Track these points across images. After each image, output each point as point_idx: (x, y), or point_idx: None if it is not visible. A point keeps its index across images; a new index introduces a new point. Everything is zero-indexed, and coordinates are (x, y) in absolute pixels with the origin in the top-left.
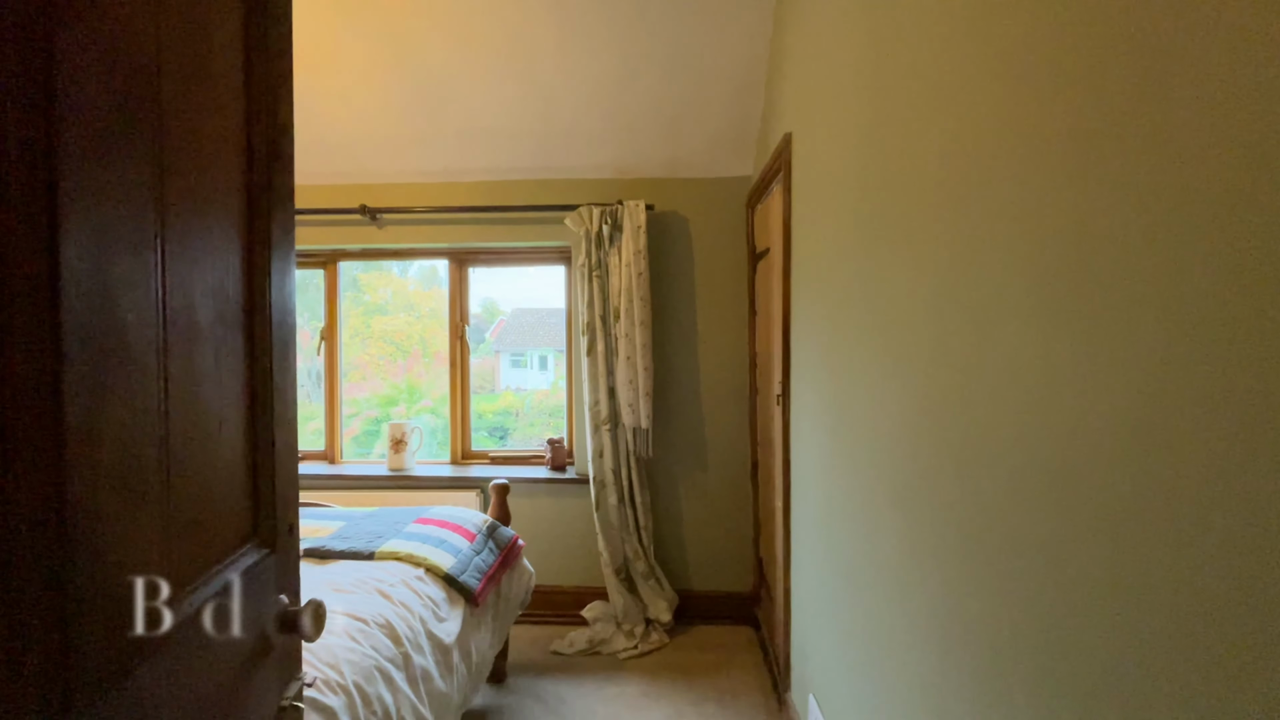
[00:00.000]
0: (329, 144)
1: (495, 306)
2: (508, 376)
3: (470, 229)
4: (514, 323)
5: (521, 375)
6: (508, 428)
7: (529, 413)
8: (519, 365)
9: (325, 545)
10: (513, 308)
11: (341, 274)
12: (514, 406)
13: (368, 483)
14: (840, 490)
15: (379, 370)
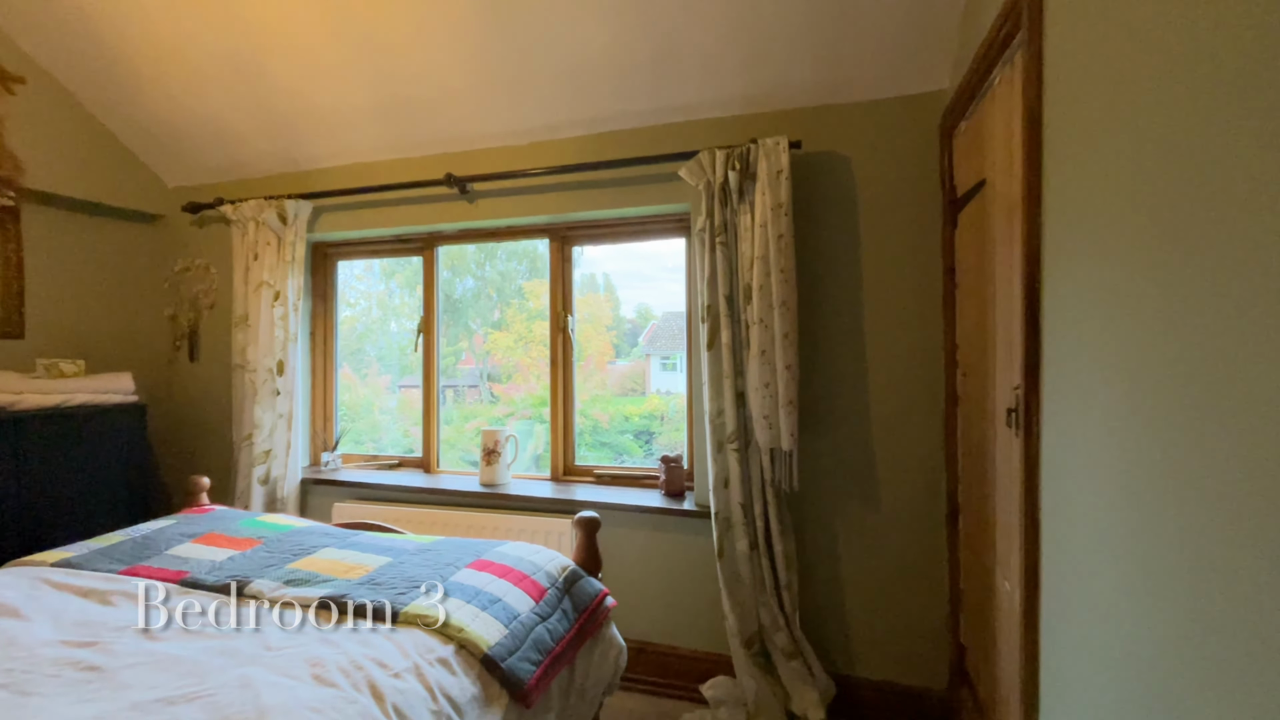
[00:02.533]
0: (412, 105)
1: (649, 312)
2: (657, 379)
3: (571, 196)
4: (664, 326)
5: (671, 378)
6: (653, 431)
7: (674, 416)
8: (668, 368)
9: (347, 594)
10: (664, 311)
11: (439, 260)
12: (660, 410)
13: (456, 498)
14: (1193, 592)
15: (539, 374)
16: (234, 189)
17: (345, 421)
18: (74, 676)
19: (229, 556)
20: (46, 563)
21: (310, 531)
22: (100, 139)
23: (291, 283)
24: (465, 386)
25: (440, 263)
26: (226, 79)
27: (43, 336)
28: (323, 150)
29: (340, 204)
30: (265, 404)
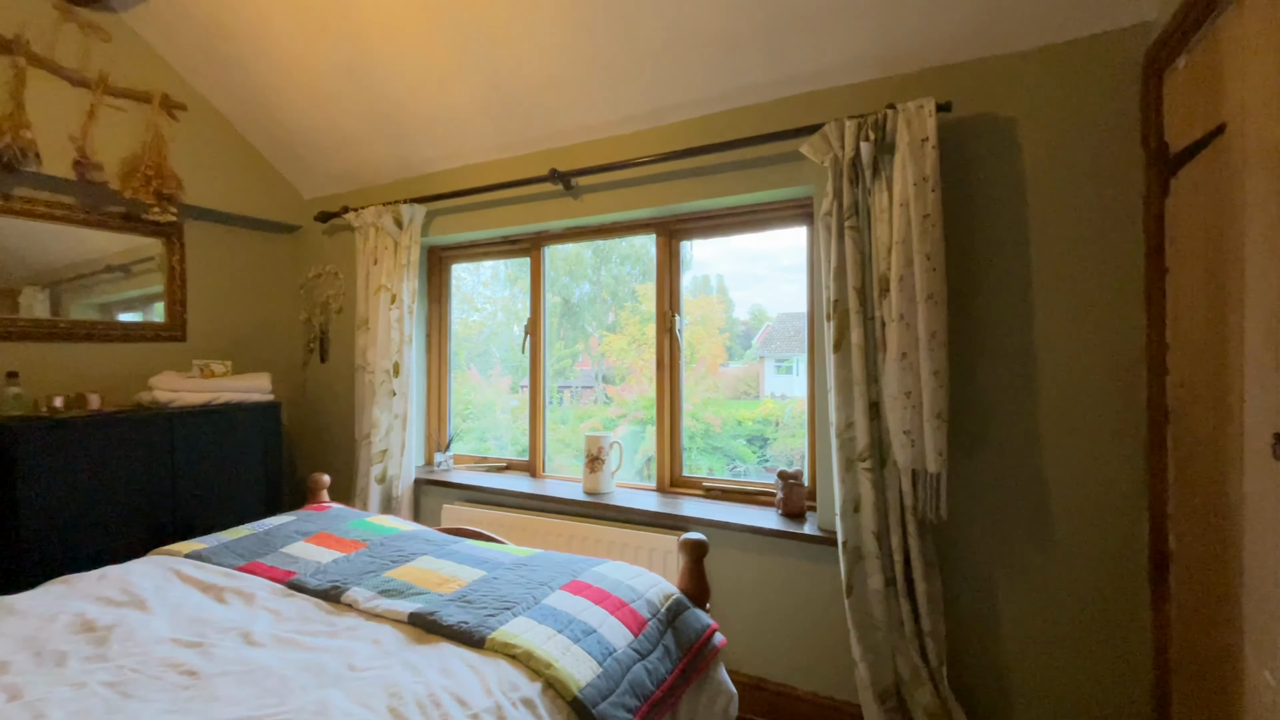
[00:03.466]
0: (515, 100)
1: (763, 313)
2: (771, 383)
3: (678, 186)
4: (780, 328)
5: (786, 381)
6: (767, 437)
7: (790, 422)
8: (783, 371)
9: (436, 612)
10: (779, 312)
11: (545, 260)
12: (774, 415)
13: (559, 506)
14: None
15: (651, 376)
16: (358, 197)
17: (471, 421)
18: (173, 681)
19: (333, 559)
20: (180, 553)
21: (412, 537)
22: (247, 157)
23: (406, 286)
24: (581, 387)
25: (548, 264)
26: (346, 90)
27: (200, 339)
28: (434, 153)
29: (451, 207)
30: (382, 404)
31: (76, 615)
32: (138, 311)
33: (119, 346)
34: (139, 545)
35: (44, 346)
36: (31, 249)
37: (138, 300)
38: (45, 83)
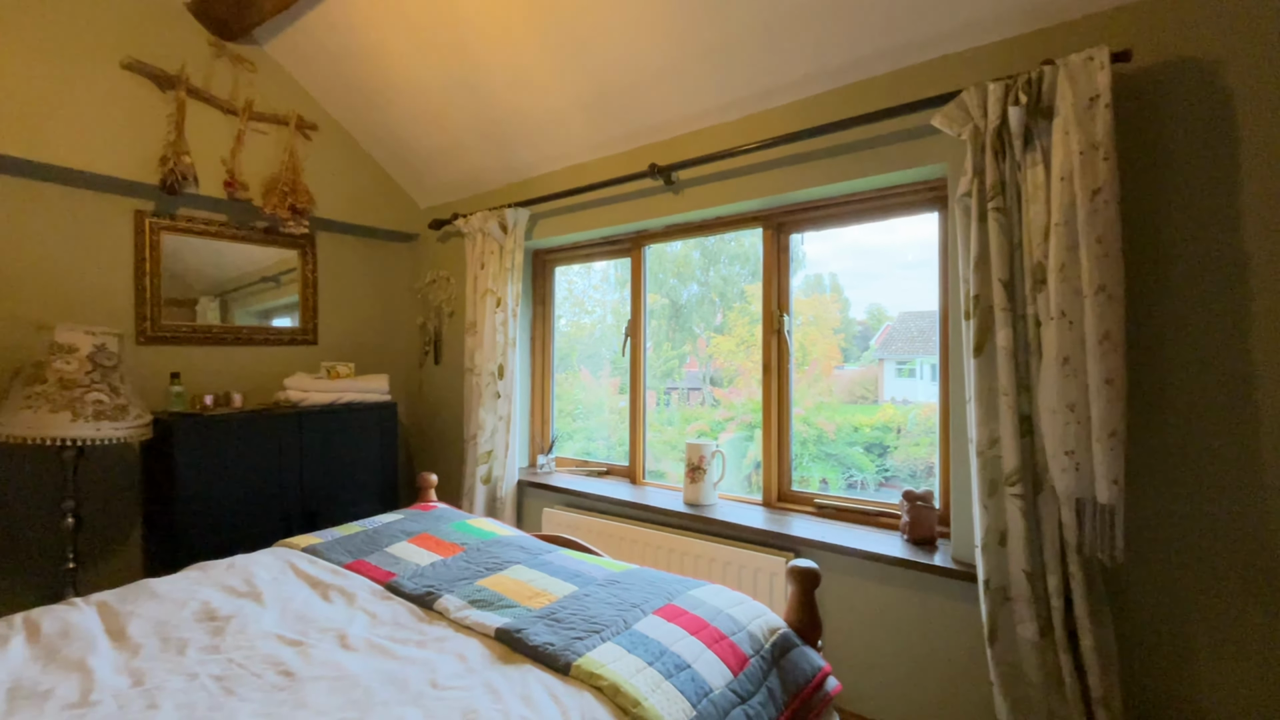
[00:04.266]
0: (614, 96)
1: (882, 313)
2: (892, 386)
3: (787, 174)
4: (902, 328)
5: (908, 385)
6: (887, 445)
7: (913, 430)
8: (904, 374)
9: (523, 629)
10: (900, 311)
11: (647, 259)
12: (895, 421)
13: (658, 516)
14: None
15: (760, 378)
16: (468, 204)
17: (581, 421)
18: (271, 681)
19: (431, 563)
20: (299, 546)
21: (507, 544)
22: (370, 171)
23: (510, 289)
24: (688, 390)
25: (649, 264)
26: (455, 101)
27: (329, 342)
28: (536, 156)
29: (553, 209)
30: (488, 406)
31: (203, 604)
32: (286, 317)
33: (261, 349)
34: (270, 534)
35: (203, 350)
36: (206, 264)
37: (284, 308)
38: (201, 112)
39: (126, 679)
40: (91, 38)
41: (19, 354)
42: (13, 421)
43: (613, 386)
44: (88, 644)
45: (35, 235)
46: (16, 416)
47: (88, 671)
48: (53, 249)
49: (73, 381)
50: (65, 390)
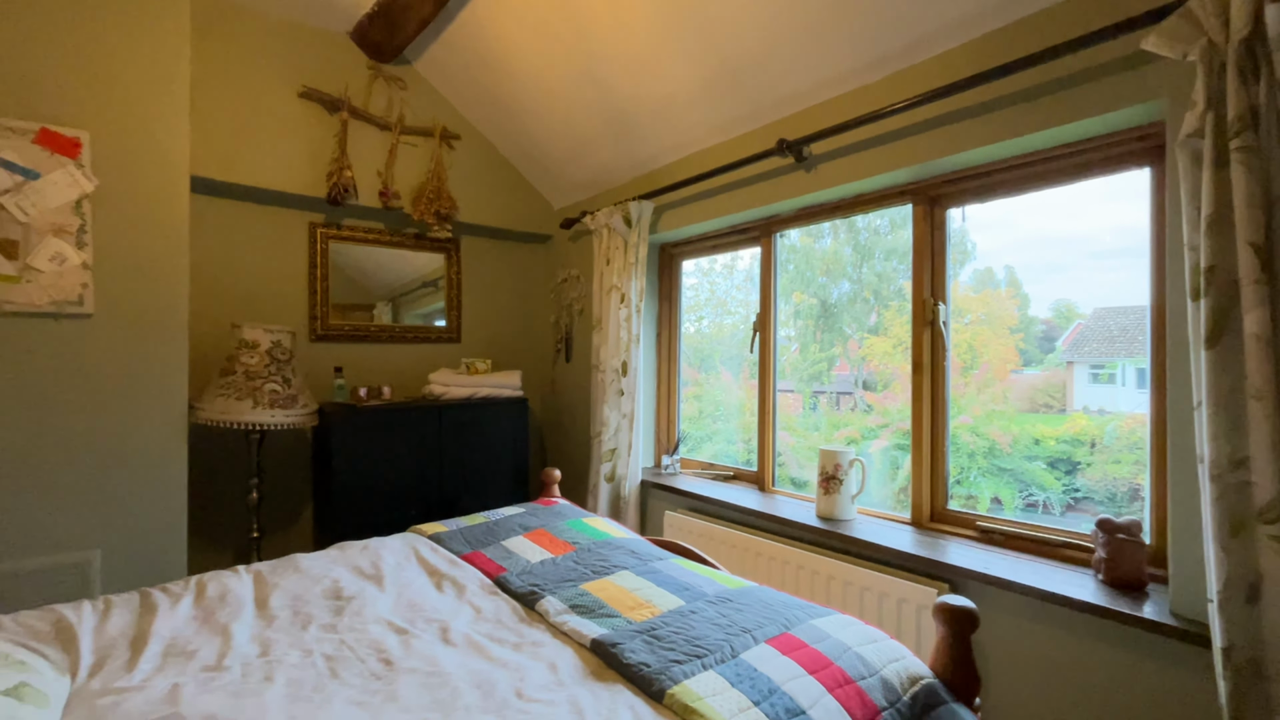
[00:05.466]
0: (739, 72)
1: (1071, 309)
2: (1084, 394)
3: (941, 136)
4: (1096, 326)
5: (1105, 392)
6: (1077, 461)
7: (1112, 444)
8: (1101, 379)
9: (620, 644)
10: (1095, 307)
11: (777, 246)
12: (1088, 433)
13: (786, 529)
14: None
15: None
16: (596, 202)
17: (721, 423)
18: (371, 668)
19: (541, 560)
20: (426, 533)
21: (618, 547)
22: (507, 175)
23: (634, 284)
24: (837, 394)
25: (782, 257)
26: (581, 94)
27: (471, 340)
28: (660, 146)
29: (677, 199)
30: (611, 403)
31: (333, 582)
32: (442, 318)
33: (411, 346)
34: (410, 518)
35: (362, 346)
36: (380, 270)
37: (441, 310)
38: (359, 130)
39: (256, 648)
40: (275, 71)
41: (220, 349)
42: (210, 407)
43: (753, 389)
44: (236, 610)
45: (231, 247)
46: (213, 403)
47: (228, 636)
48: (245, 258)
49: (254, 373)
50: (249, 380)
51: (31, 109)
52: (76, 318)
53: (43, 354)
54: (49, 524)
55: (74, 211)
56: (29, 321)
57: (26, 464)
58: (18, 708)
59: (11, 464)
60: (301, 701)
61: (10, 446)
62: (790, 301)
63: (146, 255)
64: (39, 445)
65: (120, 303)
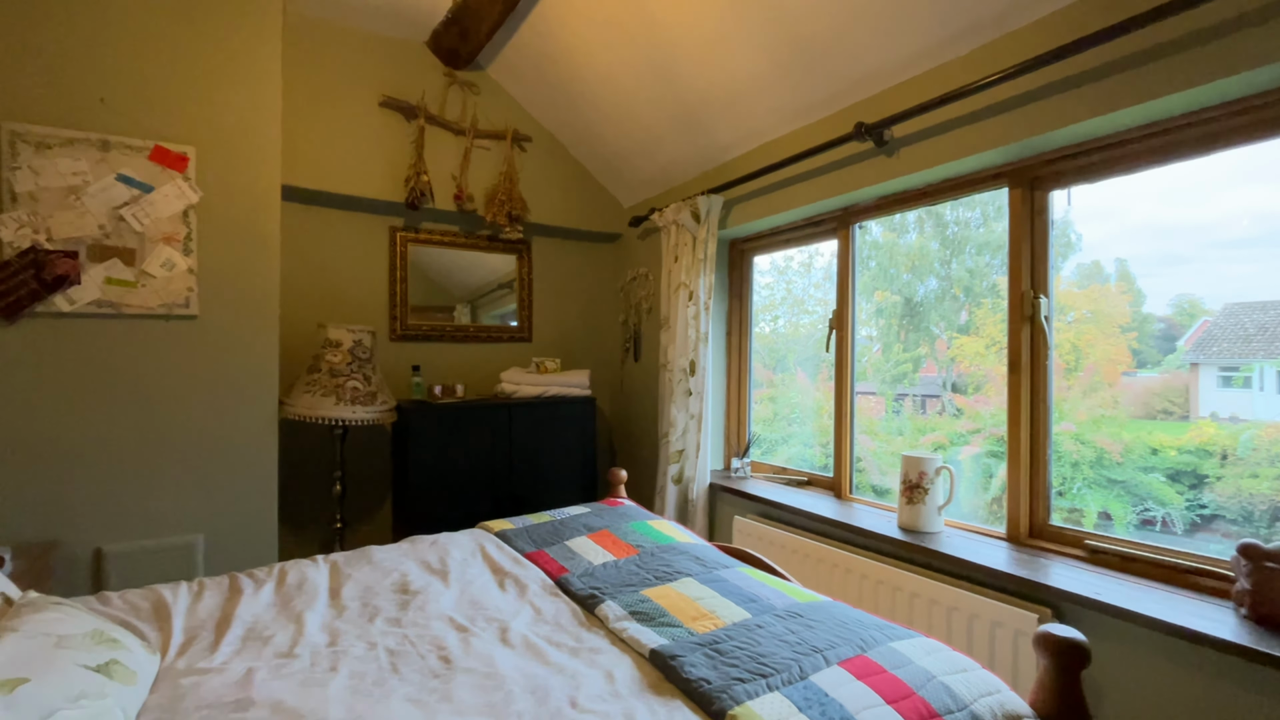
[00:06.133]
0: (812, 53)
1: (1195, 305)
2: (1211, 399)
3: (1046, 107)
4: (1226, 324)
5: (1239, 397)
6: (1204, 474)
7: (1248, 456)
8: (1234, 383)
9: (679, 657)
10: (1225, 303)
11: (855, 239)
12: (1218, 443)
13: (864, 539)
14: None
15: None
16: (664, 199)
17: (797, 425)
18: (430, 666)
19: (604, 562)
20: (493, 530)
21: (683, 552)
22: (577, 175)
23: (703, 281)
24: (923, 396)
25: (859, 248)
26: (649, 88)
27: (542, 339)
28: (730, 137)
29: (747, 192)
30: (679, 403)
31: (402, 575)
32: (514, 319)
33: (485, 346)
34: (480, 514)
35: (439, 345)
36: (460, 273)
37: (514, 311)
38: (435, 135)
39: (325, 637)
40: (358, 83)
41: (307, 348)
42: (298, 403)
43: (830, 390)
44: (311, 598)
45: (318, 251)
46: (300, 399)
47: (301, 624)
48: (331, 261)
49: (338, 370)
50: (332, 378)
51: (147, 128)
52: (183, 319)
53: (154, 352)
54: (159, 509)
55: (182, 221)
56: (144, 323)
57: (141, 453)
58: (106, 684)
59: (129, 453)
60: (362, 695)
61: (128, 437)
62: (872, 300)
63: (242, 260)
64: (151, 436)
65: (220, 305)
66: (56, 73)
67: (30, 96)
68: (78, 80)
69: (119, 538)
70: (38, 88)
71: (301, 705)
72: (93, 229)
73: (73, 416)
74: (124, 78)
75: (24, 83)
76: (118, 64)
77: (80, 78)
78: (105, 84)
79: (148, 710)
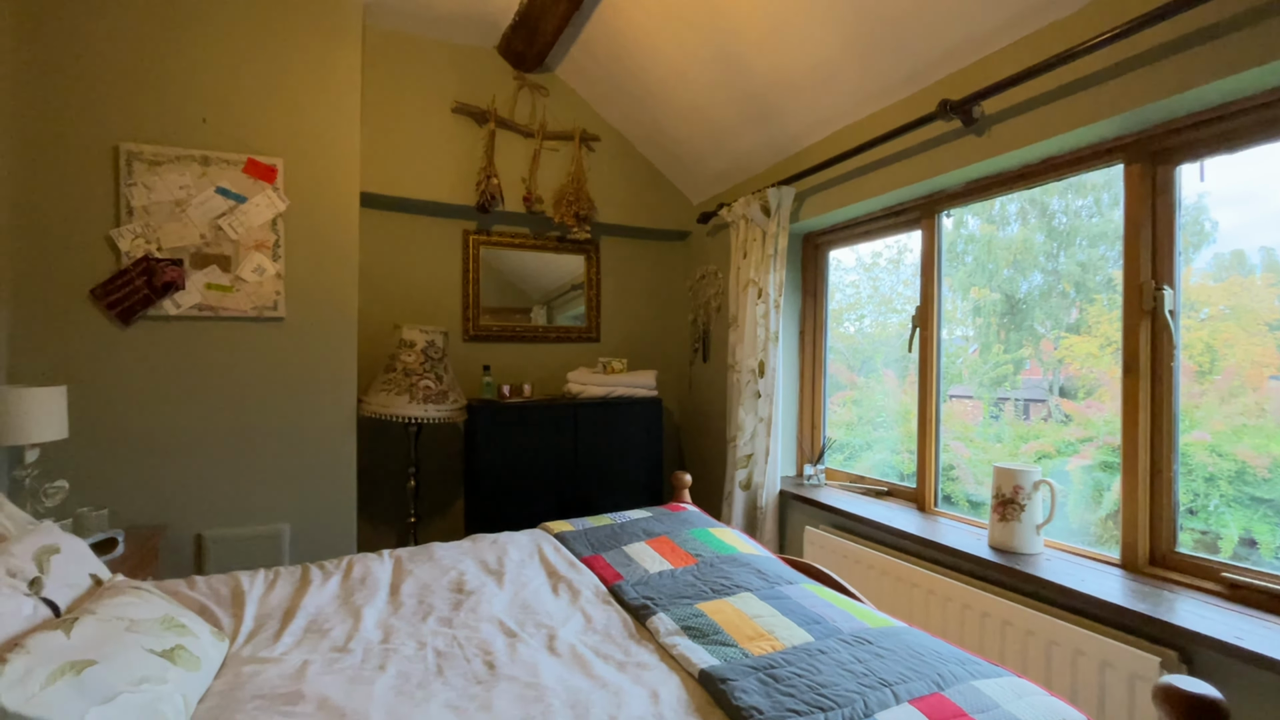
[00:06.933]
0: (891, 27)
1: None
2: None
3: (1167, 70)
4: None
5: None
6: None
7: None
8: None
9: (730, 681)
10: None
11: (941, 228)
12: None
13: (952, 558)
14: None
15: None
16: (734, 193)
17: (883, 430)
18: (475, 671)
19: (659, 571)
20: (553, 531)
21: (744, 564)
22: (645, 173)
23: (773, 277)
24: (1026, 401)
25: (945, 238)
26: (717, 78)
27: (610, 339)
28: (801, 126)
29: (821, 181)
30: (747, 406)
31: (459, 574)
32: (584, 319)
33: (554, 346)
34: (545, 513)
35: (509, 346)
36: (534, 275)
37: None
38: (505, 138)
39: (379, 634)
40: (431, 91)
41: (384, 349)
42: (374, 401)
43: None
44: (372, 593)
45: (394, 255)
46: (376, 397)
47: (358, 619)
48: (406, 265)
49: (411, 370)
50: (406, 377)
51: (240, 142)
52: (272, 321)
53: (246, 353)
54: (250, 499)
55: (271, 229)
56: (237, 324)
57: (235, 446)
58: (169, 669)
59: (225, 445)
60: (405, 697)
61: (223, 431)
62: (968, 297)
63: (324, 265)
64: (243, 430)
65: (304, 307)
66: (164, 96)
67: (143, 119)
68: (182, 102)
69: (216, 524)
70: (149, 111)
71: (346, 704)
72: (195, 238)
73: (177, 412)
74: (221, 97)
75: (137, 107)
76: (216, 85)
77: (184, 100)
78: (206, 104)
79: (210, 695)
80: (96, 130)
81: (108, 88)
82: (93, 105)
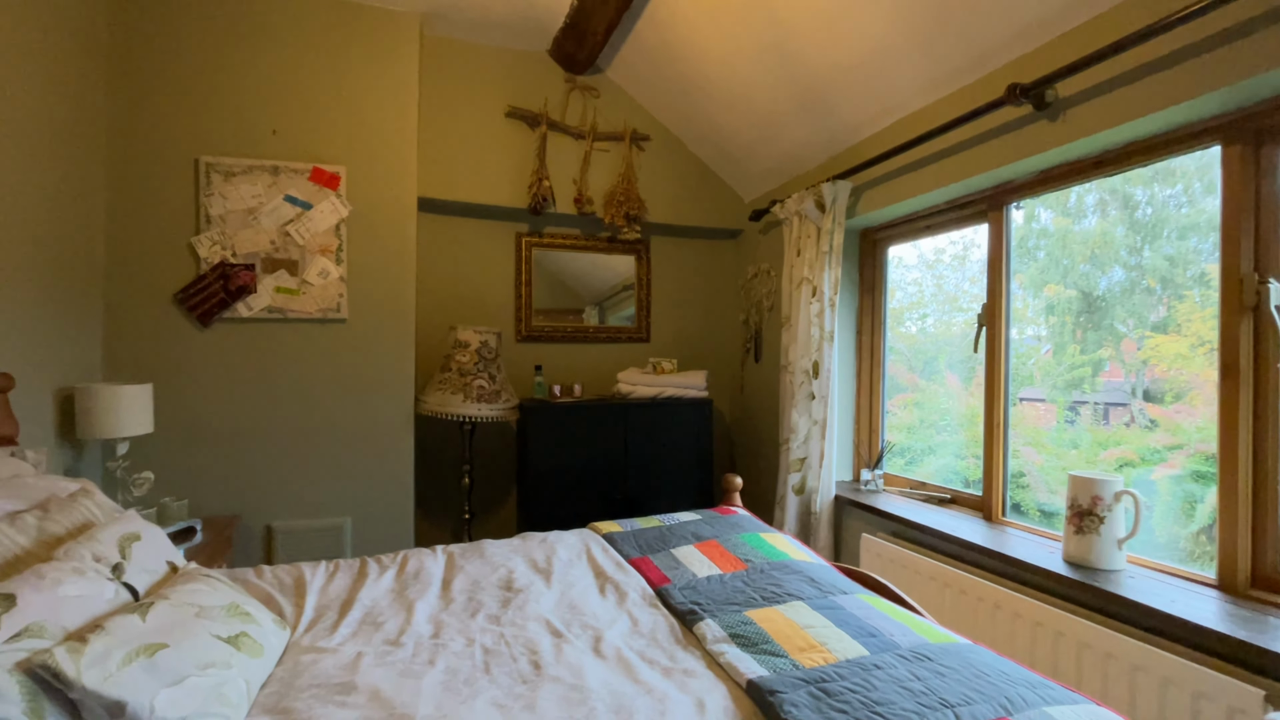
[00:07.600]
0: (944, 14)
1: None
2: None
3: (1266, 43)
4: None
5: None
6: None
7: None
8: None
9: (778, 694)
10: None
11: (1010, 221)
12: None
13: (1021, 572)
14: None
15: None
16: (787, 189)
17: (947, 434)
18: (520, 670)
19: (708, 575)
20: (601, 531)
21: (795, 571)
22: (696, 171)
23: (828, 275)
24: (1106, 405)
25: (1013, 234)
26: (768, 70)
27: (660, 340)
28: (857, 117)
29: (879, 174)
30: (800, 408)
31: (508, 572)
32: (634, 320)
33: (604, 346)
34: (594, 513)
35: (560, 346)
36: (586, 276)
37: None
38: (557, 141)
39: (430, 628)
40: (486, 96)
41: (440, 349)
42: (431, 400)
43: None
44: (425, 588)
45: (450, 258)
46: (433, 396)
47: (411, 613)
48: (462, 267)
49: (466, 369)
50: (461, 377)
51: (307, 151)
52: (335, 322)
53: (311, 353)
54: (314, 492)
55: (334, 234)
56: (303, 326)
57: (301, 442)
58: (233, 655)
59: (291, 441)
60: (451, 693)
61: (290, 427)
62: (1041, 295)
63: (384, 268)
64: (308, 427)
65: (365, 309)
66: (238, 110)
67: (219, 132)
68: (254, 115)
69: (284, 516)
70: (224, 124)
71: (395, 696)
72: (265, 244)
73: (249, 408)
74: (289, 109)
75: (214, 121)
76: (284, 98)
77: (256, 113)
78: (275, 117)
79: (272, 681)
80: (179, 144)
81: (188, 104)
82: (175, 121)
